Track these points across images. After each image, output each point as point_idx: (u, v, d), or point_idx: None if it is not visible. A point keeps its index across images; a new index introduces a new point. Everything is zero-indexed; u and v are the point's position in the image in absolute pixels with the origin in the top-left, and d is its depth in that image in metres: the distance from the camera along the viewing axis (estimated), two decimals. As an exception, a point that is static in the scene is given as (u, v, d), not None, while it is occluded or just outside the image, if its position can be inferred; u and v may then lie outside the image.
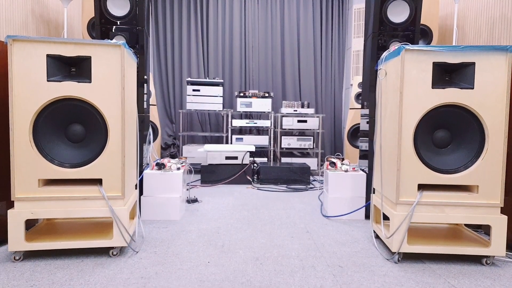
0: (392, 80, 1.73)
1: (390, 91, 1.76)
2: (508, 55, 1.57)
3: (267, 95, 4.48)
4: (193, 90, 4.44)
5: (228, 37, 5.08)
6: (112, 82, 1.61)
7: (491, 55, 1.58)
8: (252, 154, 4.06)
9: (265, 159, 4.50)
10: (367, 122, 2.44)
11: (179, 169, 2.44)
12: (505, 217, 1.61)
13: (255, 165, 3.86)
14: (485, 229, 2.04)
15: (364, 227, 2.22)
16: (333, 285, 1.43)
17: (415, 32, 2.31)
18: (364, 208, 2.42)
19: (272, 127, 4.51)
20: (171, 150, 5.02)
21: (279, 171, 3.70)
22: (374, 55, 2.34)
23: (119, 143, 1.63)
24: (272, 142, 4.48)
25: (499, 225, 1.61)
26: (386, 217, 2.07)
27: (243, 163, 3.74)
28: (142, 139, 2.46)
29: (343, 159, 2.64)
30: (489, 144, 1.60)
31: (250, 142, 4.39)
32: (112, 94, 1.61)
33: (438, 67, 1.62)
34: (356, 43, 4.80)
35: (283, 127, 4.47)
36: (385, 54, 1.84)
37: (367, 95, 2.43)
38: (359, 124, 4.31)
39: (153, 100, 4.12)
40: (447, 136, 1.67)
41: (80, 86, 1.58)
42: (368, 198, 2.41)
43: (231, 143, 4.40)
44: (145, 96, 2.49)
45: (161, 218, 2.31)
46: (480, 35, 3.26)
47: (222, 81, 4.50)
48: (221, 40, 5.06)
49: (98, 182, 1.65)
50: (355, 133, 4.39)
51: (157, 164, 2.39)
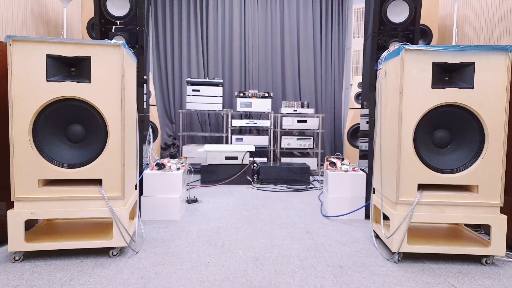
0: (392, 80, 1.73)
1: (390, 91, 1.76)
2: (508, 55, 1.57)
3: (267, 95, 4.48)
4: (193, 90, 4.43)
5: (228, 37, 5.08)
6: (112, 82, 1.61)
7: (490, 55, 1.58)
8: (252, 154, 4.06)
9: (265, 159, 4.50)
10: (367, 122, 2.44)
11: (179, 169, 2.44)
12: (504, 217, 1.61)
13: (255, 165, 3.86)
14: (485, 229, 2.04)
15: (364, 227, 2.22)
16: (333, 285, 1.43)
17: (414, 32, 2.31)
18: (364, 208, 2.42)
19: (272, 127, 4.51)
20: (171, 150, 5.02)
21: (279, 171, 3.70)
22: (374, 55, 2.34)
23: (119, 143, 1.63)
24: (272, 142, 4.48)
25: (499, 224, 1.61)
26: (386, 217, 2.07)
27: (243, 163, 3.74)
28: (142, 139, 2.46)
29: (343, 159, 2.64)
30: (488, 144, 1.60)
31: (250, 142, 4.39)
32: (111, 94, 1.61)
33: (437, 67, 1.62)
34: (356, 43, 4.80)
35: (283, 127, 4.47)
36: (384, 54, 1.84)
37: (367, 95, 2.43)
38: (359, 124, 4.31)
39: (153, 100, 4.11)
40: (447, 136, 1.67)
41: (79, 86, 1.58)
42: (368, 198, 2.41)
43: (231, 143, 4.40)
44: (144, 96, 2.49)
45: (161, 218, 2.31)
46: (479, 35, 3.26)
47: (222, 81, 4.50)
48: (221, 40, 5.06)
49: (98, 182, 1.65)
50: (355, 133, 4.39)
51: (157, 164, 2.39)
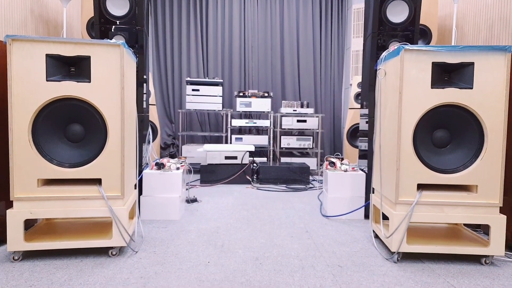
0: (392, 80, 1.73)
1: (389, 91, 1.76)
2: (507, 55, 1.57)
3: (266, 95, 4.48)
4: (193, 90, 4.43)
5: (228, 37, 5.07)
6: (112, 82, 1.61)
7: (490, 55, 1.59)
8: (251, 154, 4.06)
9: (264, 159, 4.50)
10: (367, 122, 2.44)
11: (178, 169, 2.44)
12: (504, 217, 1.62)
13: (254, 165, 3.86)
14: (484, 229, 2.04)
15: (364, 227, 2.23)
16: (333, 284, 1.43)
17: (414, 32, 2.31)
18: (364, 208, 2.42)
19: (272, 127, 4.51)
20: (170, 150, 5.01)
21: (279, 171, 3.70)
22: (374, 55, 2.34)
23: (118, 143, 1.63)
24: (271, 142, 4.48)
25: (498, 224, 1.61)
26: (385, 217, 2.08)
27: (243, 163, 3.74)
28: (142, 139, 2.45)
29: (342, 159, 2.64)
30: (488, 144, 1.60)
31: (250, 142, 4.39)
32: (111, 94, 1.61)
33: (437, 67, 1.62)
34: (356, 43, 4.80)
35: (283, 127, 4.47)
36: (384, 54, 1.84)
37: (367, 95, 2.43)
38: (358, 124, 4.32)
39: (152, 99, 4.11)
40: (446, 136, 1.67)
41: (79, 85, 1.58)
42: (367, 198, 2.41)
43: (230, 143, 4.40)
44: (144, 95, 2.49)
45: (160, 218, 2.31)
46: (479, 35, 3.27)
47: (222, 81, 4.49)
48: (221, 40, 5.05)
49: (98, 182, 1.64)
50: (354, 133, 4.39)
51: (157, 164, 2.39)
